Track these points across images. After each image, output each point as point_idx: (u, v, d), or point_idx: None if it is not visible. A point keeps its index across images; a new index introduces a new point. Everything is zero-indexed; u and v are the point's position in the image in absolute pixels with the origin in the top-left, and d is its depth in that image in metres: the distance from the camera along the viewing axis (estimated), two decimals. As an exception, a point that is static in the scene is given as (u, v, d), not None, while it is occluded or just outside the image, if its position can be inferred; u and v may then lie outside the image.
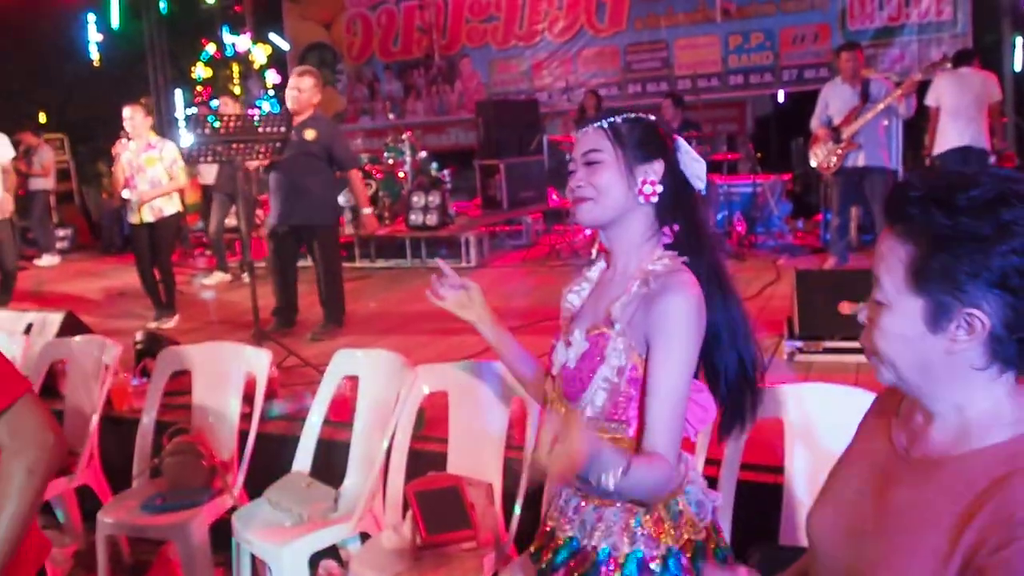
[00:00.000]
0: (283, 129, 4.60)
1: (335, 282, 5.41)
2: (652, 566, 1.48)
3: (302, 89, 5.12)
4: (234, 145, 4.51)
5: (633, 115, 1.58)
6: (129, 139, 6.16)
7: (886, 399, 1.34)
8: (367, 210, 5.70)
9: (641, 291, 1.49)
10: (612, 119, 1.56)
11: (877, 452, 1.25)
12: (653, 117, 1.60)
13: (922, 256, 1.07)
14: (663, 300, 1.45)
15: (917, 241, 1.07)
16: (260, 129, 4.52)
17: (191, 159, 4.89)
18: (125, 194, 6.19)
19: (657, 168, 1.54)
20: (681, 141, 1.59)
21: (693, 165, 1.57)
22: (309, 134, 5.14)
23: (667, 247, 1.55)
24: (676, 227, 1.55)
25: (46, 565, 1.50)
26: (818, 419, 2.40)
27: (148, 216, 6.12)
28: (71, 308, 4.61)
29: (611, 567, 1.50)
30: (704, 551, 1.53)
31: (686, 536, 1.51)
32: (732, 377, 1.56)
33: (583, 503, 1.57)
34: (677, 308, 1.44)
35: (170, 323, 6.08)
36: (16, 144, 10.27)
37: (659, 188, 1.53)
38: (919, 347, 1.10)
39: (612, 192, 1.53)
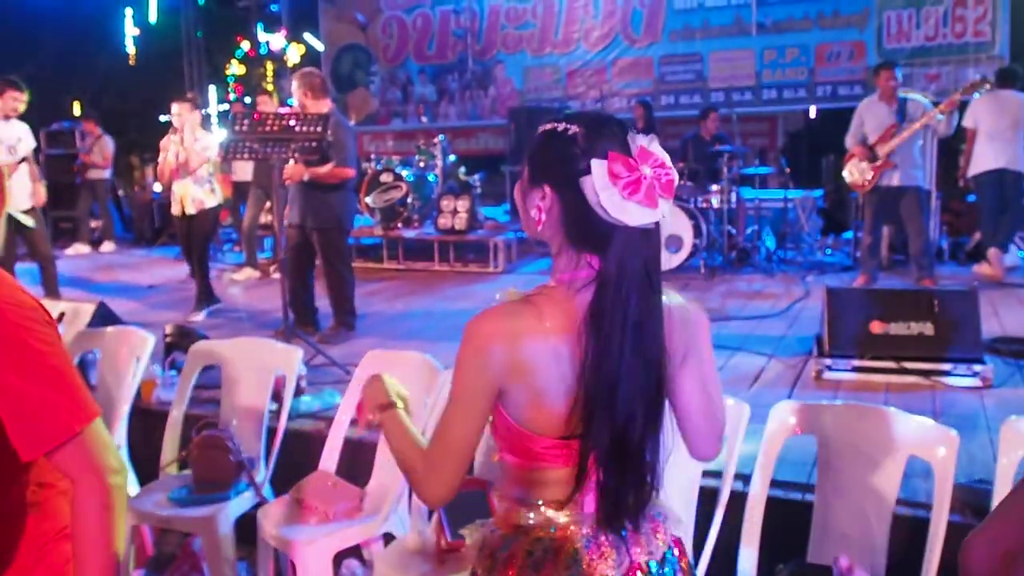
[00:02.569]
0: (319, 129, 4.62)
1: (341, 286, 5.38)
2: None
3: (290, 93, 5.18)
4: (270, 143, 4.54)
5: (546, 128, 1.39)
6: (176, 133, 6.26)
7: None
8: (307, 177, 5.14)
9: None
10: (536, 132, 1.41)
11: None
12: (567, 129, 1.35)
13: None
14: None
15: None
16: (296, 128, 4.55)
17: (227, 155, 4.92)
18: (165, 187, 6.30)
19: (544, 192, 1.36)
20: (596, 165, 1.30)
21: (603, 195, 1.30)
22: None
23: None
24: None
25: None
26: (850, 438, 2.38)
27: (190, 208, 6.23)
28: (101, 299, 4.66)
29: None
30: None
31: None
32: (600, 445, 1.34)
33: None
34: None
35: (199, 316, 6.12)
36: (81, 134, 10.53)
37: (543, 216, 1.37)
38: None
39: (520, 210, 1.45)
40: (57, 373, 1.29)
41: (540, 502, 1.40)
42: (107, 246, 10.50)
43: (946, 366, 4.06)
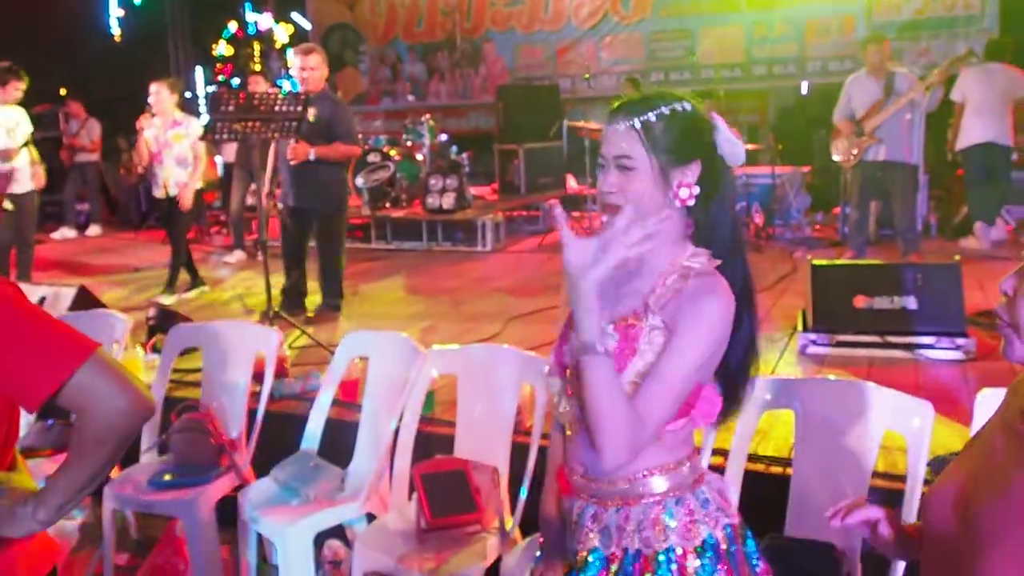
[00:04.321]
0: (299, 108, 4.59)
1: (333, 267, 5.36)
2: (689, 560, 1.44)
3: (313, 67, 5.04)
4: (250, 123, 4.50)
5: (668, 110, 1.46)
6: (154, 115, 6.22)
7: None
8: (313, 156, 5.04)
9: (677, 285, 1.44)
10: (645, 116, 1.45)
11: (995, 435, 1.24)
12: (689, 106, 1.48)
13: None
14: (702, 300, 1.41)
15: None
16: (277, 108, 4.51)
17: (209, 137, 4.88)
18: (144, 169, 6.25)
19: (694, 169, 1.47)
20: (719, 122, 1.49)
21: (731, 148, 1.49)
22: (312, 114, 5.02)
23: (696, 242, 1.50)
24: (698, 220, 1.51)
25: (57, 567, 1.48)
26: (827, 412, 2.38)
27: (173, 190, 6.20)
28: (86, 282, 4.65)
29: (643, 565, 1.45)
30: (737, 536, 1.50)
31: (723, 520, 1.48)
32: (734, 370, 1.52)
33: (602, 509, 1.50)
34: (711, 311, 1.40)
35: (168, 299, 5.97)
36: (66, 116, 10.44)
37: (695, 190, 1.47)
38: None
39: (645, 199, 1.44)
40: (38, 320, 1.33)
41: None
42: (94, 230, 10.44)
43: (929, 339, 4.06)
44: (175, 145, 6.18)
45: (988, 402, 2.24)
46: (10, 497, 1.35)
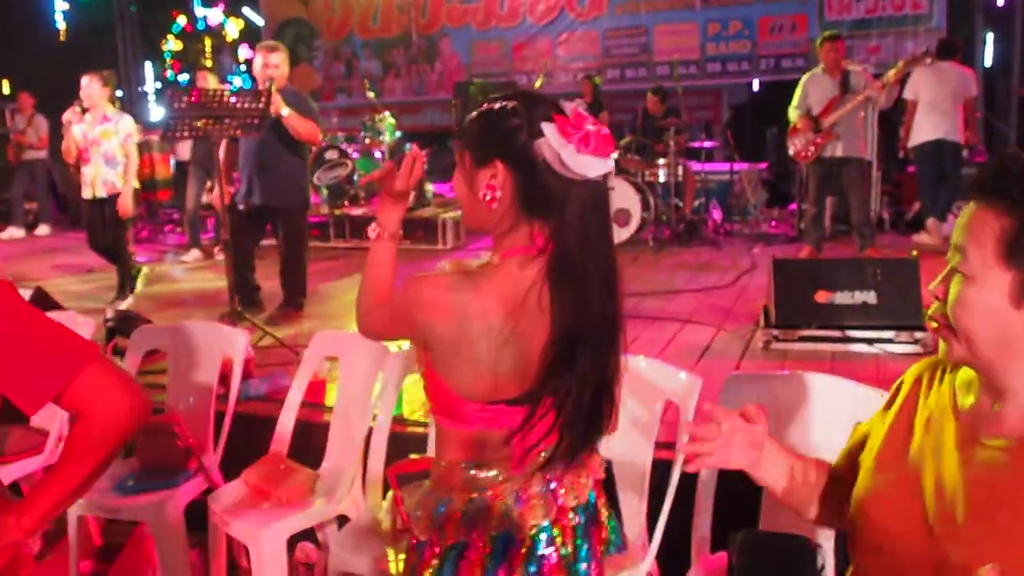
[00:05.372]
0: (260, 105, 4.52)
1: (297, 265, 5.31)
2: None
3: (277, 64, 4.97)
4: (210, 120, 4.43)
5: (481, 109, 1.45)
6: (84, 109, 5.85)
7: (919, 383, 1.35)
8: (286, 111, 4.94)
9: None
10: (470, 115, 1.46)
11: (937, 437, 1.25)
12: (505, 105, 1.41)
13: (1017, 231, 1.09)
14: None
15: (1013, 216, 1.10)
16: (237, 105, 4.44)
17: (167, 135, 4.76)
18: (72, 167, 5.95)
19: (496, 168, 1.40)
20: (547, 127, 1.36)
21: (552, 154, 1.35)
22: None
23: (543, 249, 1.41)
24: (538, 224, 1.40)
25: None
26: (799, 407, 2.41)
27: (101, 191, 5.85)
28: (39, 284, 4.53)
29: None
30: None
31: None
32: (568, 398, 1.39)
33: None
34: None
35: (123, 304, 5.79)
36: (11, 112, 10.12)
37: (498, 193, 1.40)
38: (1001, 322, 1.13)
39: (464, 200, 1.48)
40: (39, 324, 1.32)
41: (470, 464, 1.46)
42: (42, 229, 10.18)
43: (888, 333, 4.15)
44: (103, 143, 5.80)
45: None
46: None
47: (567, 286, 1.38)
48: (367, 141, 8.71)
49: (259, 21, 12.71)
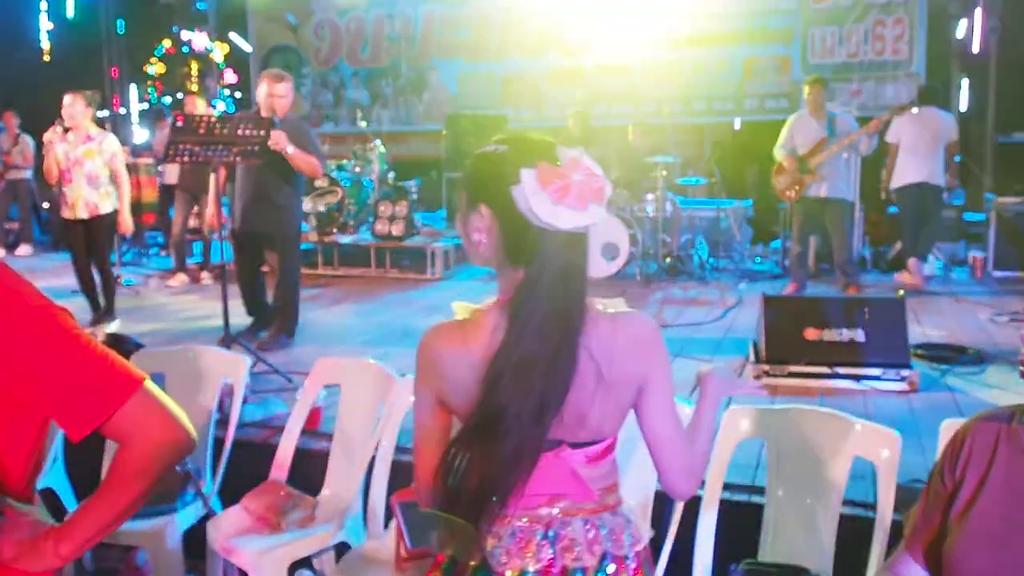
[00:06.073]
0: (262, 132, 4.55)
1: (290, 293, 5.34)
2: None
3: (283, 95, 4.98)
4: (211, 146, 4.45)
5: (478, 152, 1.44)
6: (66, 129, 5.81)
7: (1011, 428, 1.27)
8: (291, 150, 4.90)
9: None
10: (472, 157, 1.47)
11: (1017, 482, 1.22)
12: (496, 149, 1.41)
13: None
14: None
15: None
16: (239, 132, 4.47)
17: (164, 158, 4.78)
18: (53, 188, 5.93)
19: (482, 213, 1.40)
20: (526, 173, 1.34)
21: (525, 204, 1.34)
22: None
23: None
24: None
25: None
26: (799, 440, 2.46)
27: (83, 212, 5.81)
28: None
29: None
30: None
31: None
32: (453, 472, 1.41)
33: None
34: None
35: (108, 327, 5.73)
36: None
37: (484, 237, 1.40)
38: None
39: (463, 240, 1.48)
40: (91, 349, 1.30)
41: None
42: (24, 249, 10.10)
43: (875, 371, 4.23)
44: (87, 162, 5.76)
45: (951, 431, 2.35)
46: (32, 530, 1.32)
47: (503, 357, 1.34)
48: (357, 169, 8.74)
49: (247, 47, 12.76)
